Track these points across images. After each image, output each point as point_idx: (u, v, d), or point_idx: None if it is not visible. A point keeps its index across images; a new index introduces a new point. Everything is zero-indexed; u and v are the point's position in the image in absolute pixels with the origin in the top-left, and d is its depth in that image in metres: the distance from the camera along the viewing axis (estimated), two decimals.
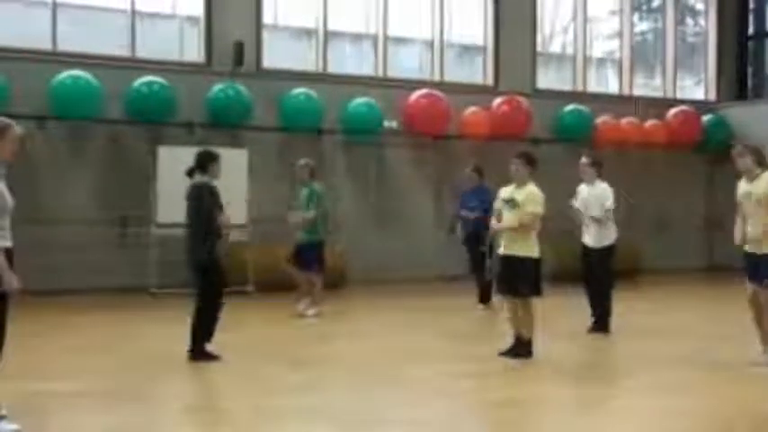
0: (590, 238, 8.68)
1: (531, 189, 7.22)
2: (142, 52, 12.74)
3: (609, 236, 8.64)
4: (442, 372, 6.83)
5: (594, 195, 8.63)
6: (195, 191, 7.15)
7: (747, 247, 6.94)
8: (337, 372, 6.92)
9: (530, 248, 7.17)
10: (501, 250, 7.32)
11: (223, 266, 7.24)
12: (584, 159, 8.85)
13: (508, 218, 7.23)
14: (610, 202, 8.58)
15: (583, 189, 8.79)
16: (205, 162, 7.20)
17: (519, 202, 7.17)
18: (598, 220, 8.54)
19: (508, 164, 7.37)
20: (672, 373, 6.90)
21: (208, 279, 7.08)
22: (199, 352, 7.02)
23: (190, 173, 7.25)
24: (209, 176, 7.21)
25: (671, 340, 7.95)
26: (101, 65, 12.16)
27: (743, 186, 7.01)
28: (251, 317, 9.51)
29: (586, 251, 8.71)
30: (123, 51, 12.71)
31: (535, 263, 7.19)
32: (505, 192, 7.37)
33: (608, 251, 8.64)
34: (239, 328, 7.27)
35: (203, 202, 7.05)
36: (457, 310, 10.27)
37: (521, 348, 7.25)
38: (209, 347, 7.09)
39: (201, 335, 7.05)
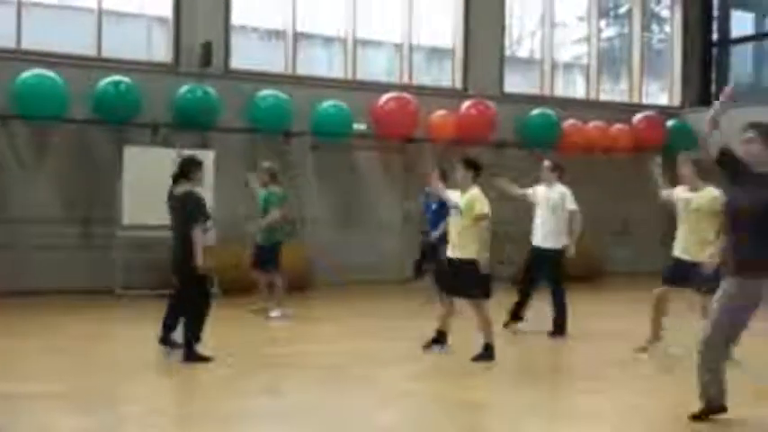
0: (540, 238, 8.82)
1: (472, 193, 7.33)
2: (109, 52, 12.64)
3: (561, 239, 8.75)
4: (408, 374, 6.87)
5: (552, 198, 8.77)
6: (180, 199, 7.13)
7: (678, 253, 7.38)
8: (303, 374, 6.92)
9: (475, 251, 7.25)
10: (448, 253, 7.44)
11: (208, 272, 7.32)
12: (546, 163, 9.04)
13: (458, 221, 7.36)
14: (571, 203, 8.73)
15: (540, 189, 8.93)
16: (189, 169, 7.18)
17: (462, 208, 7.31)
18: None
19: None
20: (628, 375, 7.03)
21: (194, 284, 7.12)
22: (191, 354, 7.04)
23: (175, 179, 7.23)
24: (193, 183, 7.19)
25: (629, 343, 8.06)
26: (66, 64, 12.04)
27: (681, 194, 7.43)
28: (215, 319, 9.46)
29: (536, 252, 8.85)
30: (89, 50, 12.59)
31: (478, 265, 7.27)
32: (453, 199, 7.53)
33: (560, 254, 8.76)
34: (204, 330, 7.27)
35: (188, 211, 7.05)
36: (421, 312, 10.30)
37: (485, 351, 7.34)
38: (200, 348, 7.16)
39: (193, 338, 7.10)
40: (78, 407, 5.66)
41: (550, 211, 8.74)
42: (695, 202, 7.28)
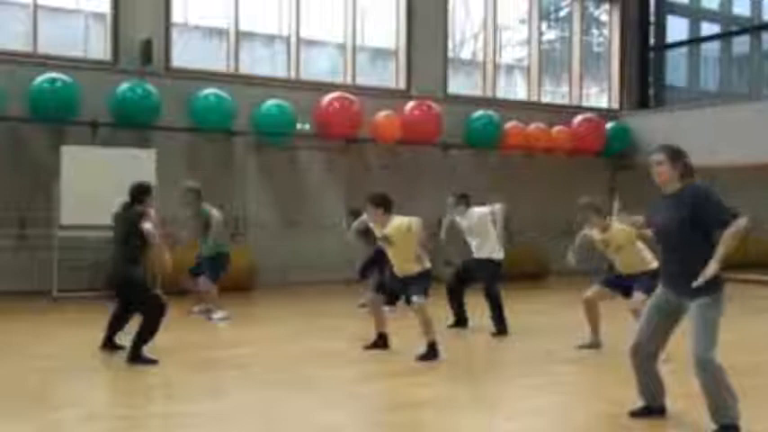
0: (477, 251, 8.99)
1: (396, 223, 7.43)
2: (44, 48, 12.33)
3: (498, 250, 8.93)
4: (352, 374, 6.86)
5: (470, 225, 8.95)
6: (129, 215, 7.30)
7: (623, 271, 7.72)
8: (246, 376, 6.85)
9: (421, 262, 7.43)
10: (397, 272, 7.58)
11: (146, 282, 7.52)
12: (450, 199, 9.18)
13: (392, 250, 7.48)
14: (489, 211, 8.96)
15: (460, 221, 9.10)
16: (140, 195, 7.40)
17: (392, 238, 7.42)
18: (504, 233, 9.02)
19: (418, 169, 7.54)
20: (569, 372, 7.13)
21: (144, 295, 7.23)
22: (137, 356, 7.05)
23: (126, 207, 7.37)
24: (144, 207, 7.40)
25: (572, 340, 8.20)
26: (0, 60, 11.72)
27: (596, 235, 7.77)
28: None
29: (469, 262, 9.07)
30: (24, 47, 12.27)
31: (428, 273, 7.49)
32: (377, 231, 7.62)
33: (497, 265, 8.95)
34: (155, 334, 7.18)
35: (137, 226, 7.21)
36: (366, 313, 10.30)
37: (429, 351, 7.42)
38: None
39: (142, 341, 7.11)
40: (12, 411, 5.50)
41: (474, 234, 8.99)
42: (614, 243, 7.63)
